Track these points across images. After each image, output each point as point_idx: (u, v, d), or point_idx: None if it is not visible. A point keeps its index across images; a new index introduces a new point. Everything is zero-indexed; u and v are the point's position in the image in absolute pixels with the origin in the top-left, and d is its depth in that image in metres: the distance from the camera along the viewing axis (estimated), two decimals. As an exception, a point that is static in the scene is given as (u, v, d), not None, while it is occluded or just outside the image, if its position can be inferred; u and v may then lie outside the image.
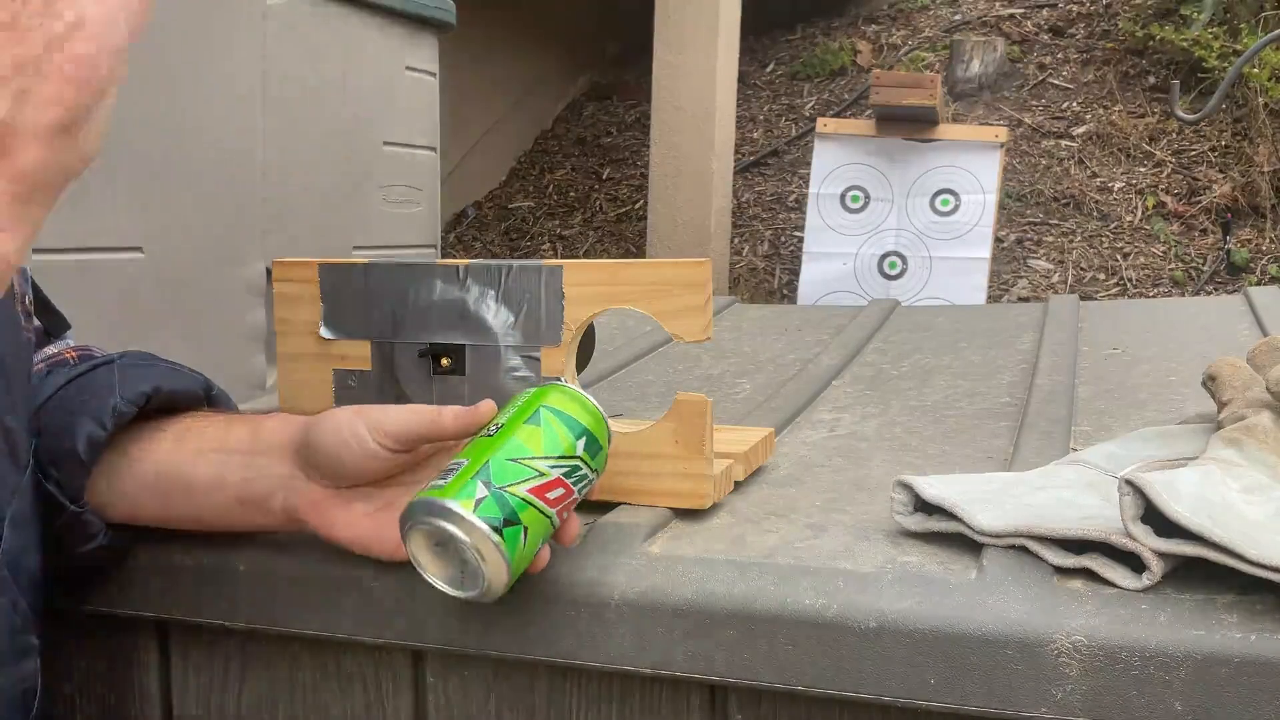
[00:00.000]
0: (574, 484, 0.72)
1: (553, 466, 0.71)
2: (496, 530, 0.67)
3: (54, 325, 0.90)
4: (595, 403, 0.75)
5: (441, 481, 0.69)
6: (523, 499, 0.69)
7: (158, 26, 2.08)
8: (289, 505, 0.78)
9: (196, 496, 0.81)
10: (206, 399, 0.88)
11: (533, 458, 0.70)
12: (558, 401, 0.74)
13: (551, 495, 0.70)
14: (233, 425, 0.83)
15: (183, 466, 0.81)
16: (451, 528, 0.67)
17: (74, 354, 0.89)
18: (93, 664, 0.91)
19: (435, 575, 0.70)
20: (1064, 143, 4.96)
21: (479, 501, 0.67)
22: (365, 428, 0.75)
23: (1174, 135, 4.90)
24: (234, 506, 0.80)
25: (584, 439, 0.73)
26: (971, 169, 3.89)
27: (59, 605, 0.84)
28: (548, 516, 0.70)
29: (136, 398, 0.82)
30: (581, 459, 0.73)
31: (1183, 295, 4.24)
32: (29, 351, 0.83)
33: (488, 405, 0.75)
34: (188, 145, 2.12)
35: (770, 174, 5.29)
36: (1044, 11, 5.63)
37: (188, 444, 0.82)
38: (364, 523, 0.77)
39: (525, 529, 0.68)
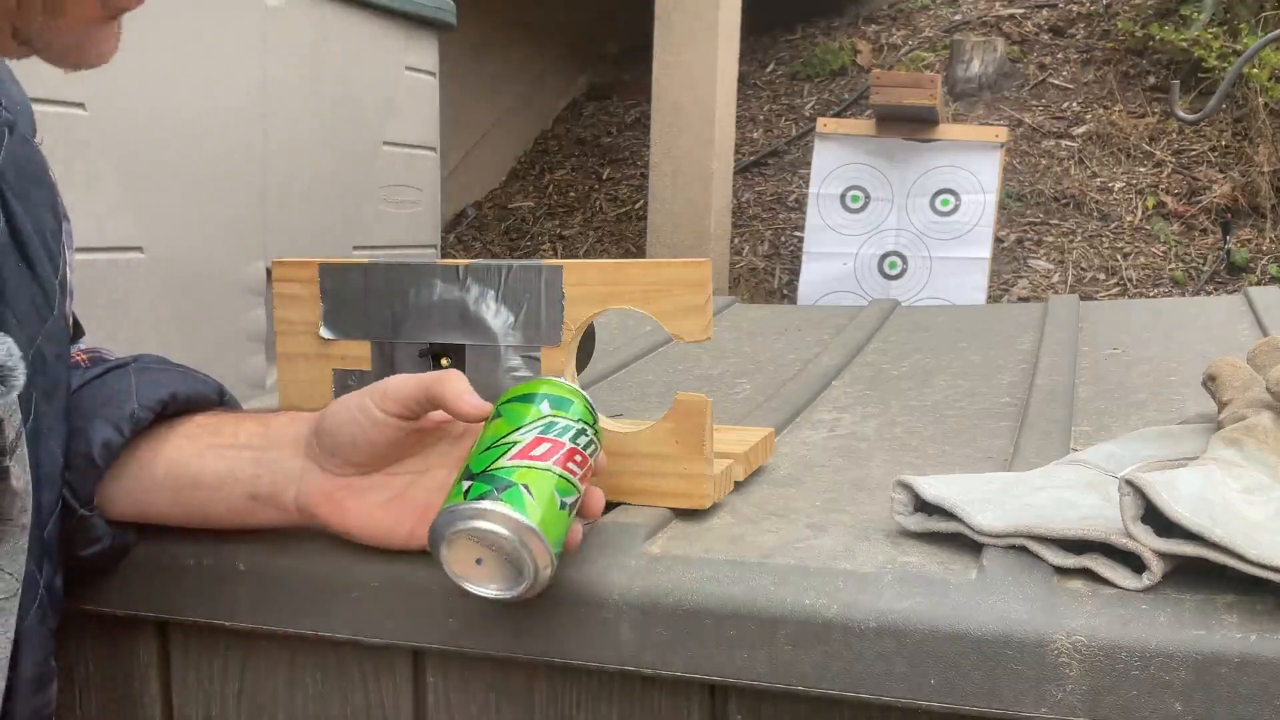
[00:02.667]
0: (559, 436, 0.72)
1: (525, 432, 0.72)
2: (494, 499, 0.68)
3: (72, 332, 0.91)
4: (549, 376, 0.76)
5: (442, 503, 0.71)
6: (509, 467, 0.70)
7: (158, 26, 2.10)
8: (301, 499, 0.79)
9: (206, 493, 0.81)
10: (220, 403, 0.89)
11: (502, 437, 0.72)
12: (510, 393, 0.75)
13: (537, 452, 0.71)
14: (243, 422, 0.83)
15: (193, 463, 0.81)
16: (463, 524, 0.68)
17: (84, 356, 0.89)
18: (93, 664, 0.91)
19: (485, 586, 0.70)
20: (1064, 143, 4.96)
21: (468, 490, 0.69)
22: (369, 399, 0.76)
23: (1174, 135, 4.90)
24: (245, 502, 0.81)
25: (546, 401, 0.74)
26: (971, 169, 3.89)
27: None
28: (546, 470, 0.70)
29: (154, 404, 0.82)
30: (552, 416, 0.73)
31: (1183, 295, 4.24)
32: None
33: (488, 405, 0.76)
34: (188, 145, 2.12)
35: (770, 174, 5.29)
36: (1044, 11, 5.63)
37: (198, 441, 0.82)
38: (377, 513, 0.77)
39: (525, 486, 0.69)
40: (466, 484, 0.69)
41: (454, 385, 0.74)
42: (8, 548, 0.73)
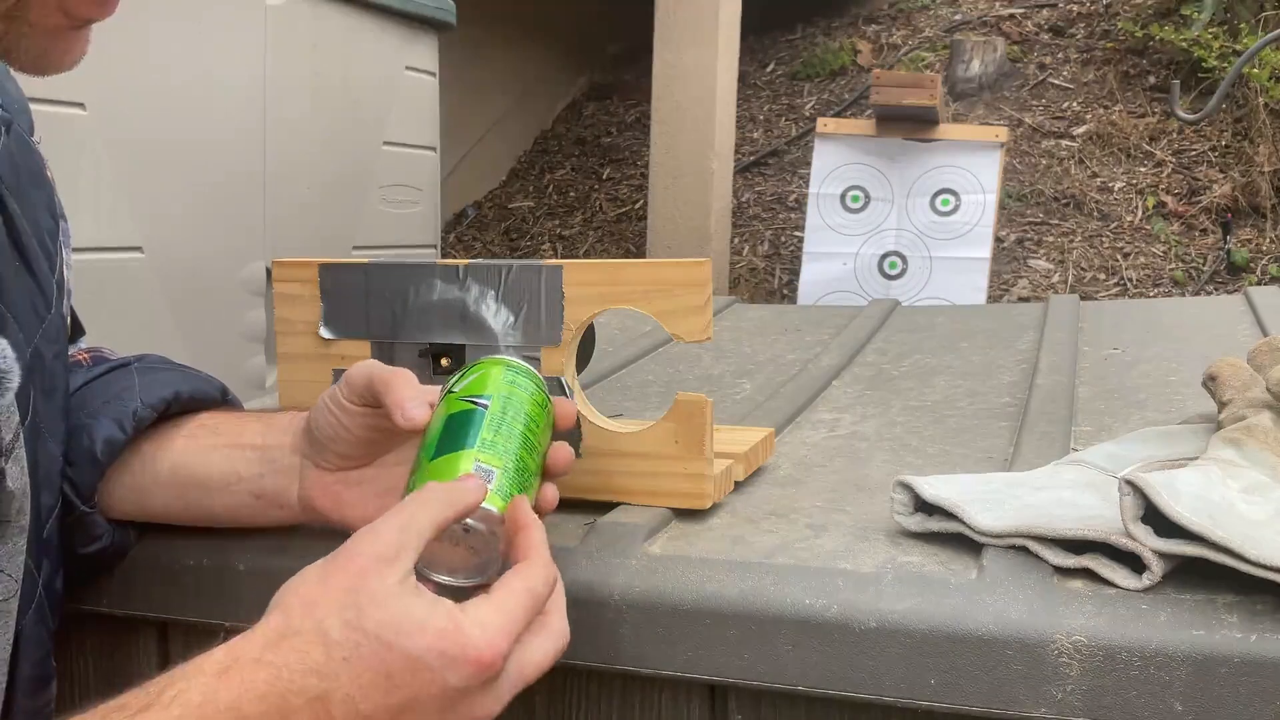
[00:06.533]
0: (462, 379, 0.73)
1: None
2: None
3: (71, 331, 0.91)
4: None
5: None
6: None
7: (159, 26, 2.10)
8: (303, 495, 0.79)
9: (210, 492, 0.81)
10: (222, 403, 0.89)
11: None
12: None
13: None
14: (246, 422, 0.83)
15: (196, 462, 0.81)
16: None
17: (86, 356, 0.89)
18: (93, 664, 0.91)
19: (459, 572, 0.68)
20: (1064, 143, 4.96)
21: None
22: (338, 389, 0.76)
23: (1174, 135, 4.90)
24: (248, 501, 0.81)
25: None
26: (971, 169, 3.89)
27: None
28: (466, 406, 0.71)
29: (157, 403, 0.82)
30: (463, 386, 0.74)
31: (1183, 295, 4.24)
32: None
33: (424, 415, 0.73)
34: (188, 145, 2.12)
35: (770, 174, 5.29)
36: (1044, 11, 5.63)
37: (201, 440, 0.82)
38: (372, 505, 0.77)
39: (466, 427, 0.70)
40: None
41: (395, 394, 0.72)
42: (6, 549, 0.73)
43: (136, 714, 0.57)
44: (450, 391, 0.73)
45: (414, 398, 0.71)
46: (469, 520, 0.66)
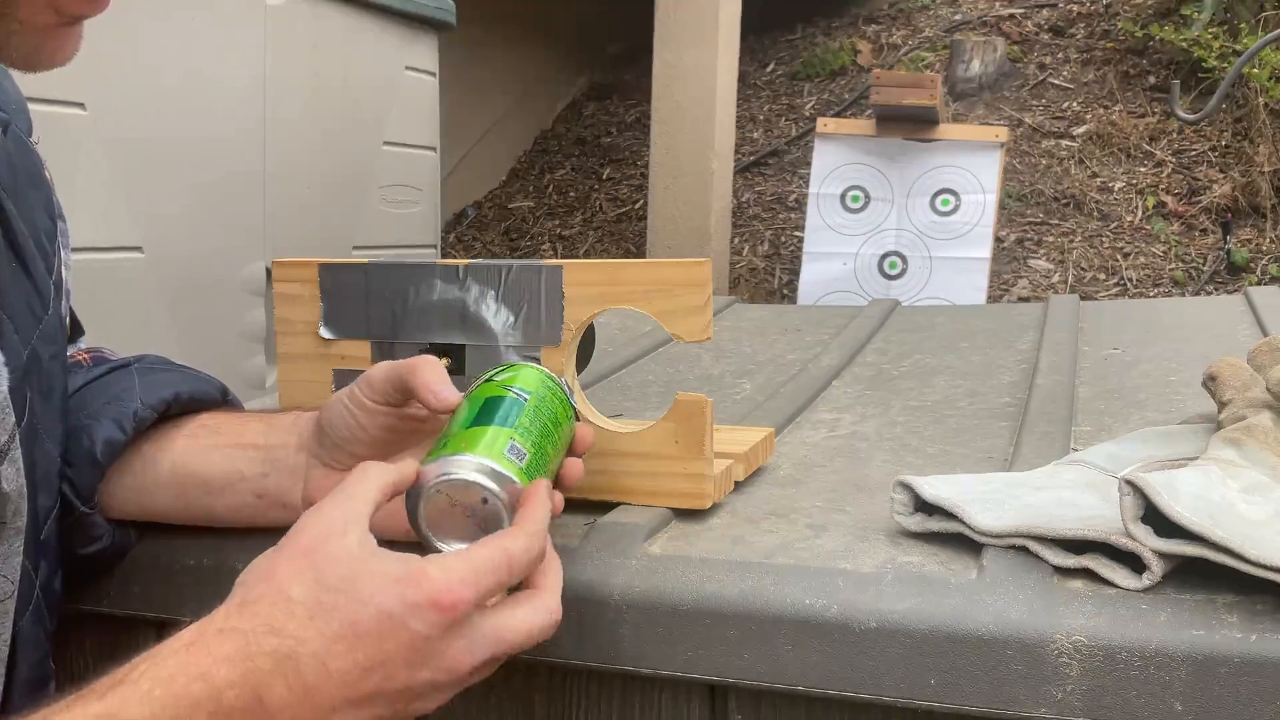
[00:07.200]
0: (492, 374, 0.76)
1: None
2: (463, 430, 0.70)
3: (71, 331, 0.91)
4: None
5: None
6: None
7: (159, 26, 2.10)
8: (309, 495, 0.78)
9: (212, 491, 0.81)
10: (223, 404, 0.89)
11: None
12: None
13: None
14: (247, 422, 0.83)
15: (197, 462, 0.81)
16: (433, 476, 0.68)
17: (86, 356, 0.89)
18: (93, 664, 0.91)
19: (461, 537, 0.69)
20: (1064, 143, 4.96)
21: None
22: (357, 389, 0.76)
23: (1174, 135, 4.90)
24: (251, 501, 0.80)
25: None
26: (971, 169, 3.89)
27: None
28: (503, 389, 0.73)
29: (157, 403, 0.82)
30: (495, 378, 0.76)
31: (1183, 295, 4.24)
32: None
33: (455, 397, 0.75)
34: (188, 145, 2.12)
35: (770, 174, 5.29)
36: (1044, 11, 5.63)
37: (202, 440, 0.82)
38: None
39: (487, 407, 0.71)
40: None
41: (424, 375, 0.73)
42: (2, 550, 0.73)
43: (107, 692, 0.58)
44: (490, 379, 0.75)
45: (444, 381, 0.73)
46: (491, 487, 0.67)
